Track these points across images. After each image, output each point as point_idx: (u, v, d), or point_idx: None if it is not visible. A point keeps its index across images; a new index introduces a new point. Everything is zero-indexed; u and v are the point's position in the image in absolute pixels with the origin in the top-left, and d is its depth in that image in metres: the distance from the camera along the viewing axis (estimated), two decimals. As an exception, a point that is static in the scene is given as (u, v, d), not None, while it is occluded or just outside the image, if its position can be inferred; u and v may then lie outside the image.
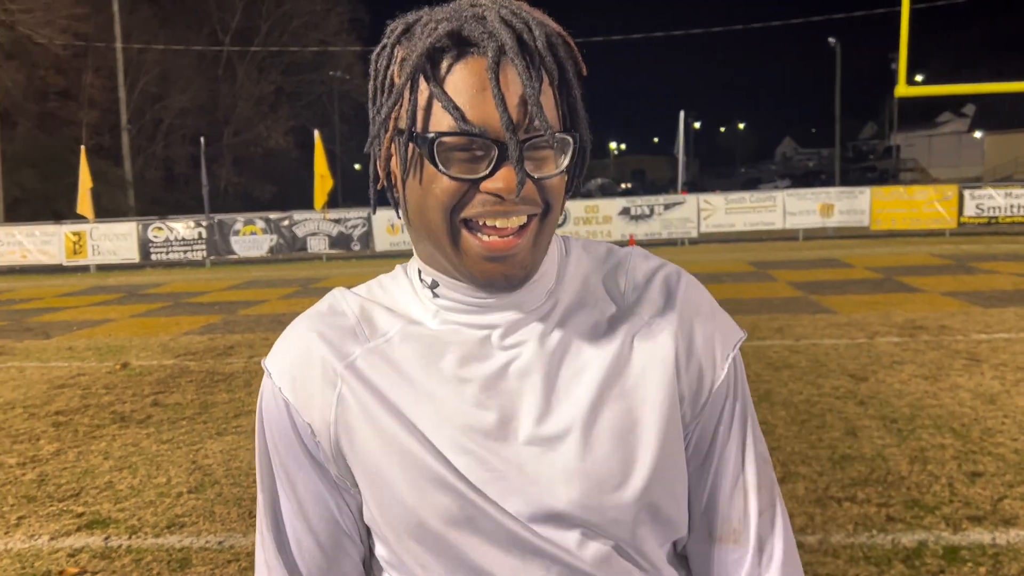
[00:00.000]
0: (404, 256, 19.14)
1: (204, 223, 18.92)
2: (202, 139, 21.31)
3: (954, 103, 57.57)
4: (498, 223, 0.76)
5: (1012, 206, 17.12)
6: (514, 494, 0.80)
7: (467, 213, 0.76)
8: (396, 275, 0.92)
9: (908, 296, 9.88)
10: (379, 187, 0.86)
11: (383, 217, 18.64)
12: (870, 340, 7.42)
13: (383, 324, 0.86)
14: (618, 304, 0.86)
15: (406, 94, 0.77)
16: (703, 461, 0.87)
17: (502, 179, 0.74)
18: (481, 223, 0.76)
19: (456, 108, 0.73)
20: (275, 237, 18.83)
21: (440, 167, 0.75)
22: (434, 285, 0.85)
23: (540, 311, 0.85)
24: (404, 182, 0.81)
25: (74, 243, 18.80)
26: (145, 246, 18.80)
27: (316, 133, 19.23)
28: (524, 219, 0.77)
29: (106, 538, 3.87)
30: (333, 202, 20.05)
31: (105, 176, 28.23)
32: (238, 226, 18.89)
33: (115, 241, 18.79)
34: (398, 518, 0.82)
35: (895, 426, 4.93)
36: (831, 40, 35.53)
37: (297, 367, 0.85)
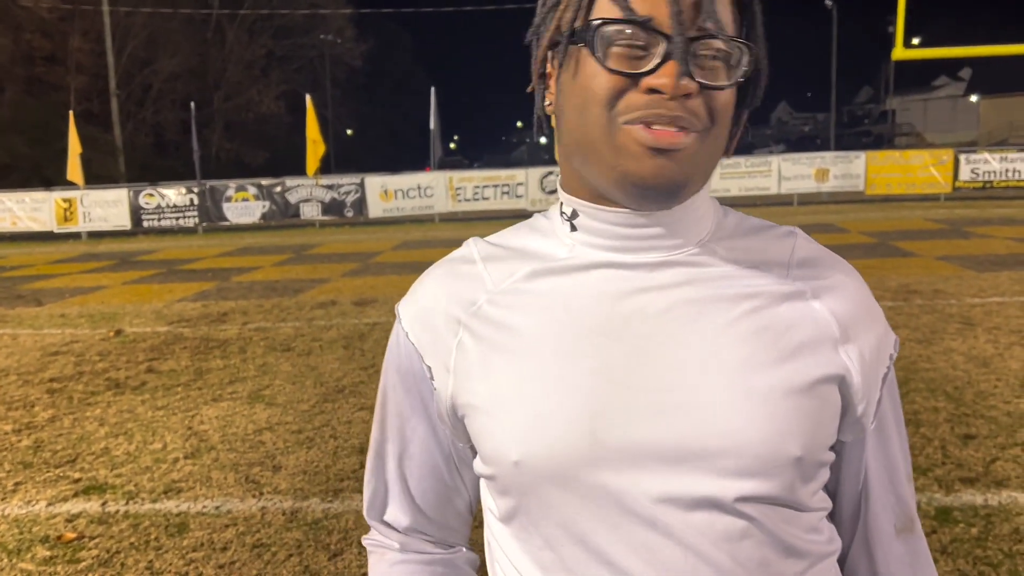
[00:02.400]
0: (398, 223, 19.06)
1: (196, 189, 18.78)
2: (192, 104, 21.08)
3: (950, 67, 57.26)
4: (663, 122, 0.69)
5: (1007, 170, 17.10)
6: (634, 449, 0.73)
7: (626, 113, 0.70)
8: (535, 218, 0.87)
9: (902, 260, 9.89)
10: (542, 101, 0.81)
11: (376, 183, 18.52)
12: (864, 304, 7.43)
13: (511, 267, 0.82)
14: (779, 273, 0.79)
15: None
16: (878, 457, 0.84)
17: (665, 74, 0.68)
18: (639, 124, 0.70)
19: None
20: (267, 204, 18.71)
21: (599, 57, 0.70)
22: (574, 216, 0.79)
23: (690, 257, 0.78)
24: (560, 90, 0.76)
25: (65, 210, 18.66)
26: (137, 213, 18.67)
27: (308, 98, 19.04)
28: (690, 124, 0.70)
29: (103, 503, 3.88)
30: (325, 168, 19.93)
31: (95, 142, 27.95)
32: (230, 192, 18.76)
33: (106, 208, 18.66)
34: (510, 465, 0.76)
35: (889, 389, 4.95)
36: (828, 2, 35.19)
37: (424, 313, 0.84)
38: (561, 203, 0.82)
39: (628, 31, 0.69)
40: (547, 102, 0.79)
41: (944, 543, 3.14)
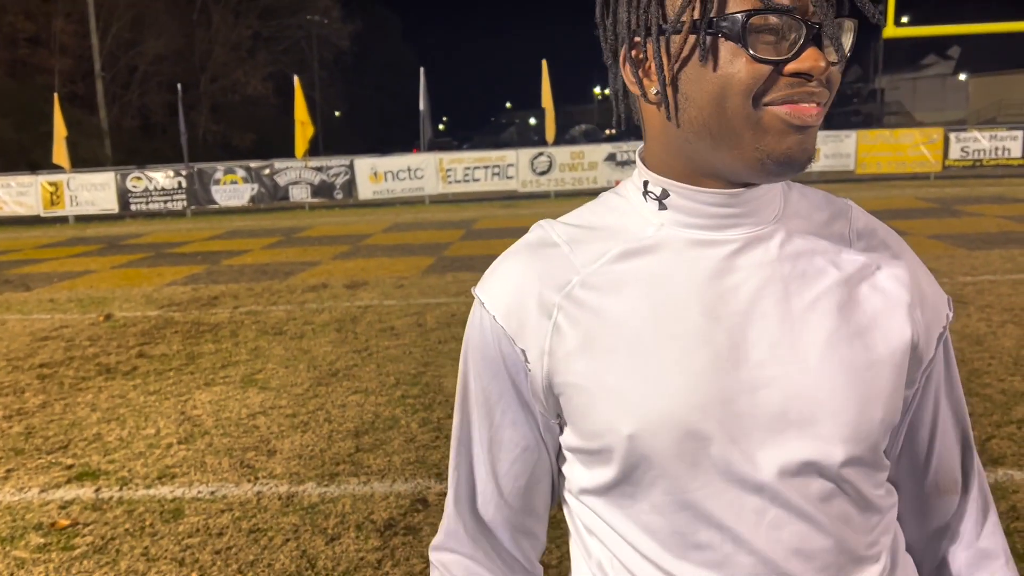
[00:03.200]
0: (388, 204, 18.98)
1: (184, 172, 18.62)
2: (179, 86, 20.85)
3: (939, 46, 57.19)
4: (808, 99, 0.73)
5: (997, 149, 17.12)
6: (740, 421, 0.77)
7: (769, 95, 0.72)
8: (604, 198, 0.88)
9: (894, 239, 9.90)
10: (639, 88, 0.80)
11: (366, 164, 18.41)
12: (857, 284, 7.44)
13: (599, 246, 0.83)
14: (844, 247, 0.84)
15: None
16: (923, 415, 0.89)
17: (810, 59, 0.71)
18: (784, 105, 0.73)
19: None
20: (256, 186, 18.57)
21: (745, 48, 0.71)
22: (664, 195, 0.82)
23: (771, 234, 0.82)
24: (682, 79, 0.76)
25: (51, 194, 18.47)
26: (124, 196, 18.50)
27: (296, 79, 18.87)
28: (823, 101, 0.74)
29: (96, 490, 3.85)
30: (313, 150, 19.77)
31: (80, 125, 27.67)
32: (218, 175, 18.60)
33: (93, 191, 18.47)
34: (623, 439, 0.79)
35: (883, 368, 4.96)
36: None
37: (512, 296, 0.83)
38: (646, 182, 0.83)
39: (773, 20, 0.71)
40: (654, 91, 0.78)
41: (942, 521, 3.14)
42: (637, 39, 0.78)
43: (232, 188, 18.56)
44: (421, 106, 19.58)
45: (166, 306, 8.20)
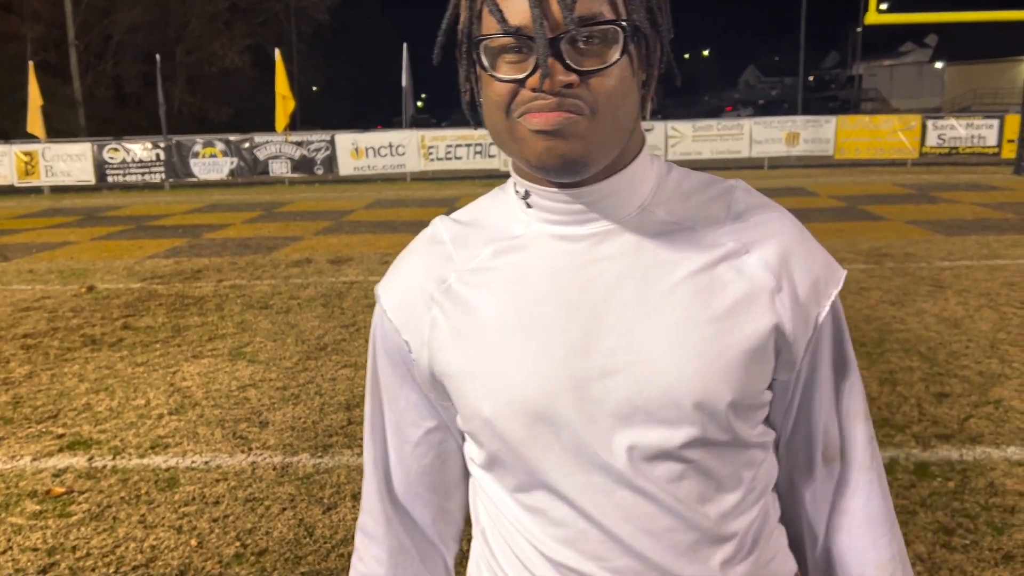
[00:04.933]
0: (368, 181, 18.89)
1: (162, 145, 18.39)
2: (157, 56, 20.53)
3: (916, 33, 57.65)
4: (545, 108, 0.75)
5: (972, 136, 17.35)
6: (590, 406, 0.81)
7: (518, 109, 0.77)
8: (494, 193, 0.93)
9: (873, 224, 10.05)
10: (465, 94, 0.86)
11: (347, 140, 18.28)
12: (837, 267, 7.55)
13: (477, 244, 0.88)
14: (715, 231, 0.84)
15: (463, 2, 0.80)
16: (808, 393, 0.89)
17: (545, 76, 0.73)
18: (528, 114, 0.77)
19: (497, 9, 0.74)
20: (236, 160, 18.39)
21: (488, 69, 0.77)
22: (526, 195, 0.86)
23: (633, 224, 0.84)
24: (477, 92, 0.83)
25: (26, 163, 18.17)
26: (101, 167, 18.24)
27: (277, 52, 18.66)
28: (570, 114, 0.75)
29: (90, 458, 3.86)
30: (292, 124, 19.55)
31: (53, 95, 27.13)
32: (197, 148, 18.40)
33: (69, 162, 18.20)
34: (483, 422, 0.85)
35: (864, 349, 5.07)
36: (799, -35, 34.98)
37: (402, 292, 0.91)
38: (515, 183, 0.88)
39: (507, 42, 0.75)
40: (468, 98, 0.85)
41: (923, 496, 3.25)
42: (460, 53, 0.83)
43: (211, 161, 18.37)
44: (404, 83, 19.45)
45: (149, 279, 8.15)
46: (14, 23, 32.04)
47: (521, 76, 0.75)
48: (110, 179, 18.35)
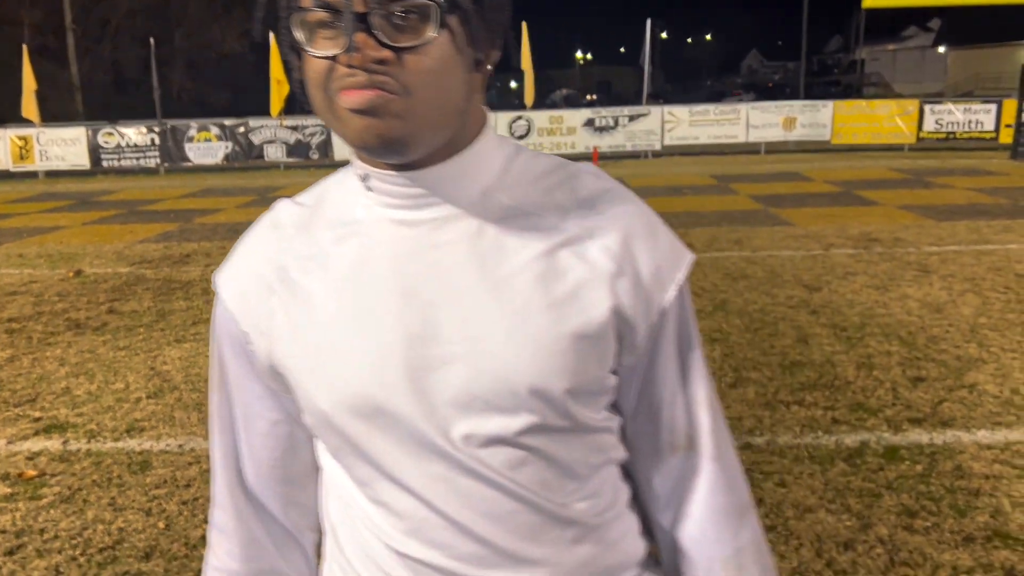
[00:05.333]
0: (364, 165, 18.97)
1: (157, 129, 18.35)
2: (152, 40, 20.45)
3: (920, 17, 57.27)
4: (357, 85, 0.73)
5: (970, 121, 17.27)
6: (428, 397, 0.80)
7: (334, 84, 0.74)
8: (339, 175, 0.91)
9: (865, 209, 10.03)
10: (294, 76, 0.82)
11: (342, 125, 18.19)
12: (825, 252, 7.55)
13: (318, 229, 0.86)
14: (560, 216, 0.83)
15: None
16: (652, 378, 0.88)
17: (353, 50, 0.71)
18: (343, 91, 0.74)
19: None
20: (230, 144, 18.35)
21: (302, 44, 0.74)
22: (366, 178, 0.84)
23: (475, 209, 0.82)
24: (301, 69, 0.78)
25: (20, 148, 18.15)
26: (96, 152, 18.22)
27: (272, 36, 18.52)
28: (383, 92, 0.73)
29: (64, 442, 3.88)
30: (288, 109, 19.50)
31: (51, 79, 27.07)
32: (192, 132, 18.36)
33: (64, 147, 18.17)
34: (322, 414, 0.84)
35: (844, 334, 5.07)
36: (801, -51, 34.64)
37: (239, 280, 0.88)
38: (355, 165, 0.86)
39: (323, 16, 0.72)
40: (298, 80, 0.82)
41: (890, 479, 3.26)
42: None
43: (206, 146, 18.33)
44: (399, 67, 19.35)
45: (137, 263, 8.16)
46: (12, 7, 31.92)
47: (334, 52, 0.73)
48: (105, 164, 18.32)
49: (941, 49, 53.76)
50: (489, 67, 0.83)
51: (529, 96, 18.42)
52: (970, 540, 2.83)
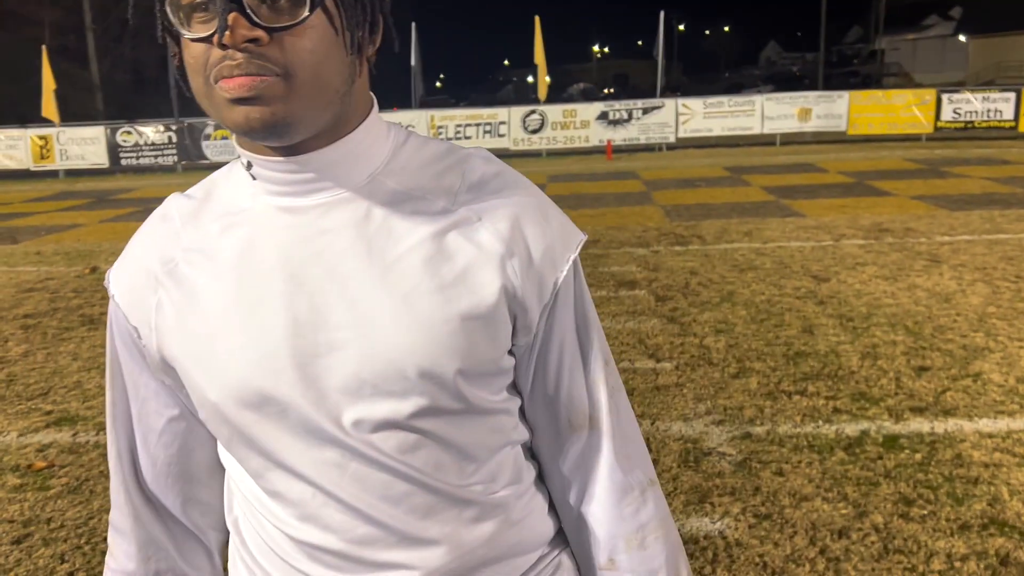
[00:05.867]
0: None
1: (174, 127, 18.52)
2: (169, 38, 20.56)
3: (941, 6, 56.59)
4: (235, 73, 0.72)
5: (989, 110, 17.07)
6: (317, 383, 0.80)
7: (211, 71, 0.73)
8: (229, 166, 0.90)
9: (878, 200, 9.95)
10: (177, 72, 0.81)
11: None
12: (835, 243, 7.51)
13: (206, 221, 0.85)
14: (449, 200, 0.83)
15: None
16: (548, 358, 0.88)
17: (227, 32, 0.70)
18: (222, 80, 0.73)
19: None
20: (247, 142, 18.48)
21: (175, 27, 0.73)
22: (249, 166, 0.83)
23: (360, 194, 0.82)
24: (181, 55, 0.77)
25: (41, 147, 18.38)
26: (114, 150, 18.41)
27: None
28: (263, 76, 0.72)
29: (74, 434, 3.95)
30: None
31: (71, 78, 27.35)
32: (209, 131, 18.51)
33: (83, 145, 18.38)
34: (212, 406, 0.84)
35: (851, 324, 5.05)
36: (818, -62, 34.29)
37: (128, 275, 0.87)
38: (240, 153, 0.84)
39: None
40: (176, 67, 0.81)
41: (888, 468, 3.25)
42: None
43: (223, 143, 18.47)
44: (412, 62, 19.43)
45: (152, 259, 8.25)
46: (32, 7, 32.27)
47: (207, 33, 0.72)
48: (124, 162, 18.52)
49: (962, 38, 53.10)
50: (371, 51, 0.82)
51: (542, 90, 18.41)
52: (966, 528, 2.83)
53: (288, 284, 0.80)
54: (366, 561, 0.85)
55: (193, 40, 0.73)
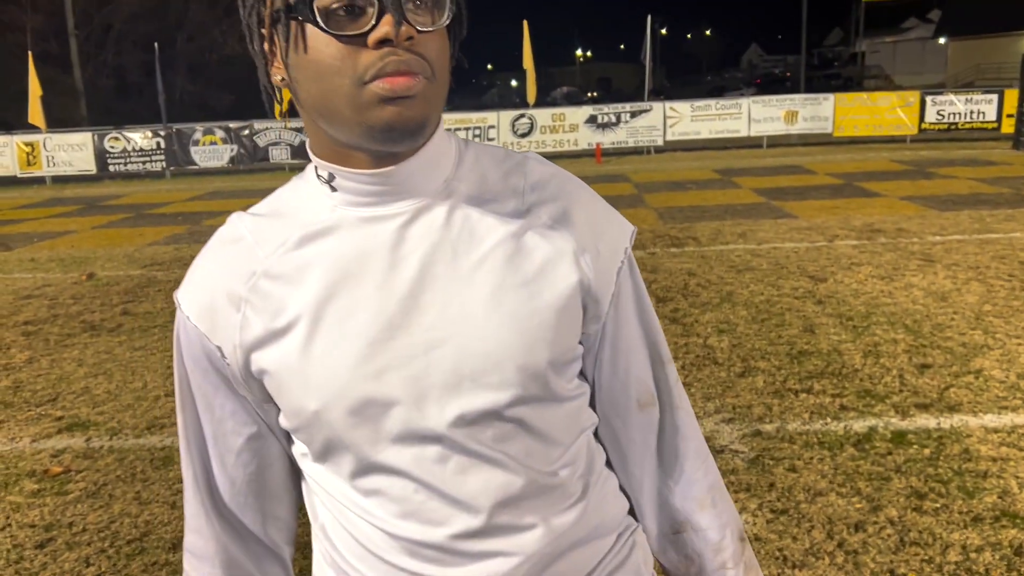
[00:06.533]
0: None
1: (162, 133, 18.44)
2: (156, 45, 20.54)
3: (919, 8, 57.17)
4: (400, 68, 0.75)
5: (972, 112, 17.29)
6: (417, 382, 0.83)
7: (364, 72, 0.75)
8: (292, 182, 0.92)
9: (867, 201, 10.07)
10: (268, 77, 0.84)
11: (346, 126, 18.26)
12: (829, 243, 7.60)
13: (280, 235, 0.86)
14: (518, 200, 0.88)
15: None
16: (617, 344, 0.95)
17: (387, 24, 0.73)
18: (383, 76, 0.75)
19: None
20: (236, 147, 18.43)
21: (324, 27, 0.74)
22: (331, 178, 0.85)
23: (439, 200, 0.86)
24: (291, 64, 0.80)
25: (27, 154, 18.25)
26: (102, 157, 18.31)
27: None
28: (420, 68, 0.76)
29: (87, 439, 3.96)
30: (292, 110, 19.55)
31: (54, 85, 27.14)
32: (197, 136, 18.44)
33: (70, 152, 18.26)
34: (311, 415, 0.85)
35: (851, 323, 5.13)
36: (800, -58, 34.61)
37: (204, 296, 0.88)
38: (316, 167, 0.87)
39: (337, 2, 0.74)
40: (279, 77, 0.83)
41: (898, 463, 3.32)
42: (263, 30, 0.81)
43: (211, 149, 18.42)
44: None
45: (149, 265, 8.24)
46: (14, 13, 32.02)
47: (365, 30, 0.74)
48: (111, 168, 18.41)
49: (941, 40, 53.67)
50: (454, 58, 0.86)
51: (531, 94, 18.47)
52: (979, 520, 2.89)
53: (379, 290, 0.83)
54: (466, 553, 0.87)
55: (347, 37, 0.75)
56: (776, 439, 3.60)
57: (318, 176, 0.86)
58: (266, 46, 0.83)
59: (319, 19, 0.75)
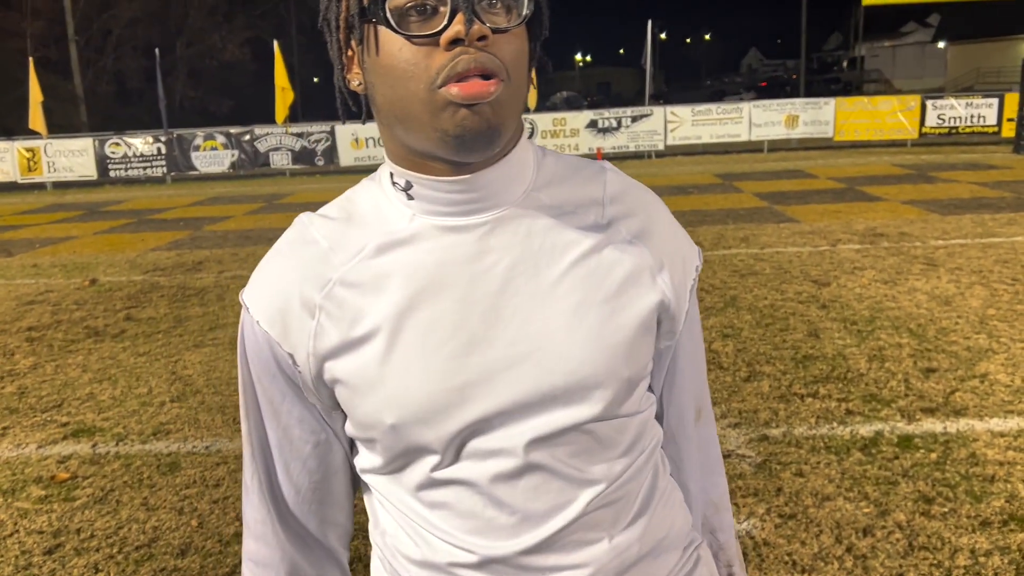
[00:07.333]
0: (369, 171, 19.06)
1: (163, 138, 18.46)
2: (157, 51, 20.57)
3: (919, 13, 57.28)
4: (472, 68, 0.73)
5: (972, 116, 17.32)
6: (498, 398, 0.81)
7: (437, 75, 0.73)
8: (364, 186, 0.89)
9: (869, 205, 10.08)
10: (346, 82, 0.83)
11: (347, 131, 18.33)
12: (832, 247, 7.61)
13: (357, 241, 0.84)
14: (598, 214, 0.87)
15: None
16: (683, 358, 0.96)
17: (459, 23, 0.71)
18: (455, 78, 0.73)
19: None
20: (236, 152, 18.46)
21: (398, 29, 0.73)
22: (408, 187, 0.83)
23: (520, 211, 0.84)
24: (366, 68, 0.79)
25: (28, 160, 18.27)
26: (103, 162, 18.33)
27: (276, 44, 18.68)
28: (495, 70, 0.74)
29: (93, 445, 3.95)
30: (293, 116, 19.60)
31: (54, 90, 27.17)
32: (198, 141, 18.47)
33: (71, 158, 18.29)
34: (387, 428, 0.83)
35: (855, 327, 5.13)
36: (799, -53, 34.72)
37: (275, 300, 0.84)
38: (392, 174, 0.85)
39: (409, 2, 0.73)
40: (356, 82, 0.82)
41: (905, 467, 3.32)
42: (340, 34, 0.80)
43: (212, 154, 18.44)
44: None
45: (151, 271, 8.24)
46: (14, 19, 32.06)
47: (437, 30, 0.72)
48: (112, 174, 18.44)
49: (940, 44, 53.75)
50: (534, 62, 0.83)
51: (532, 99, 18.48)
52: (987, 524, 2.89)
53: (459, 303, 0.81)
54: (533, 567, 0.86)
55: (420, 38, 0.73)
56: (783, 444, 3.60)
57: (394, 184, 0.84)
58: (343, 51, 0.82)
59: (392, 20, 0.73)
